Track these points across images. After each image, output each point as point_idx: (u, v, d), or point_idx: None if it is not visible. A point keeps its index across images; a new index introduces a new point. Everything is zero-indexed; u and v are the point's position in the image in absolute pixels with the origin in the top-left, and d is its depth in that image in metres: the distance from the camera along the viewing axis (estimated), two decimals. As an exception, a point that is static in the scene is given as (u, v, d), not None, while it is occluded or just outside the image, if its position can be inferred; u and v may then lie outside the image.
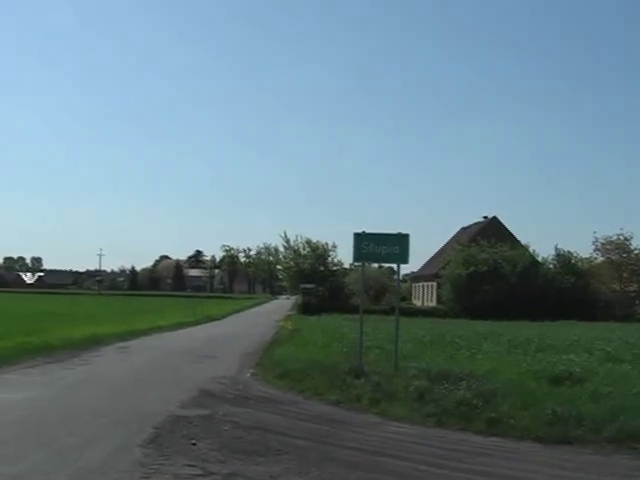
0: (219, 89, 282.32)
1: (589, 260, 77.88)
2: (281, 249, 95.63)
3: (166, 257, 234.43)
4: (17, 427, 12.97)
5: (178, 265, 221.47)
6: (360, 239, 20.28)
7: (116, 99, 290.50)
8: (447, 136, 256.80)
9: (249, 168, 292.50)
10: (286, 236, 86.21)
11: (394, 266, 24.07)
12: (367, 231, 20.50)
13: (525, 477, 10.56)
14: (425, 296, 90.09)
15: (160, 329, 42.23)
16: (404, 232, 20.37)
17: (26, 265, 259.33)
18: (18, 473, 9.68)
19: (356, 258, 21.32)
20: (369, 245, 20.31)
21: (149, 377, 20.89)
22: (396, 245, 20.17)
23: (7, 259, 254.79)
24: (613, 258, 78.38)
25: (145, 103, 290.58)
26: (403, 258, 20.49)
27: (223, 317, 63.70)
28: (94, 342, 30.78)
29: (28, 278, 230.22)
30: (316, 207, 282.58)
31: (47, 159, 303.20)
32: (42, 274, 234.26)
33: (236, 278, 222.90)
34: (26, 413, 14.42)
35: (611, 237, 78.43)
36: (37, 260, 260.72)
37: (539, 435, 13.11)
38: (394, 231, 20.62)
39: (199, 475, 9.91)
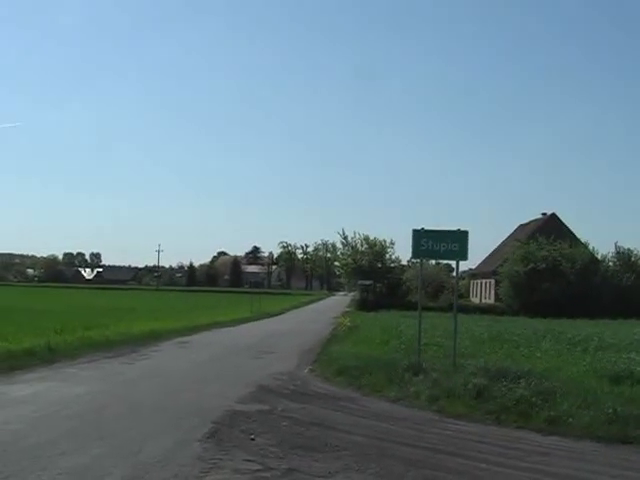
0: (276, 88, 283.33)
1: (650, 258, 76.56)
2: (339, 245, 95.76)
3: (224, 253, 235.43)
4: (77, 421, 13.09)
5: (236, 261, 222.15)
6: (419, 236, 20.19)
7: (176, 97, 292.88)
8: (506, 132, 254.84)
9: (307, 165, 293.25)
10: (344, 233, 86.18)
11: (452, 263, 23.95)
12: (426, 228, 20.42)
13: (586, 477, 10.41)
14: (483, 293, 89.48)
15: (218, 325, 42.40)
16: (463, 229, 20.25)
17: (85, 261, 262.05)
18: (79, 466, 9.77)
19: (415, 255, 21.25)
20: (428, 242, 20.21)
21: (208, 372, 20.99)
22: (455, 242, 20.04)
23: (67, 255, 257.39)
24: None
25: (205, 101, 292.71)
26: (462, 255, 20.35)
27: (280, 313, 63.81)
28: (153, 337, 31.03)
29: (87, 274, 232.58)
30: (374, 204, 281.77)
31: (107, 157, 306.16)
32: (101, 270, 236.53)
33: (293, 274, 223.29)
34: (86, 407, 14.56)
35: (673, 234, 77.02)
36: (96, 256, 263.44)
37: (599, 434, 12.95)
38: (452, 228, 20.52)
39: (258, 470, 9.92)
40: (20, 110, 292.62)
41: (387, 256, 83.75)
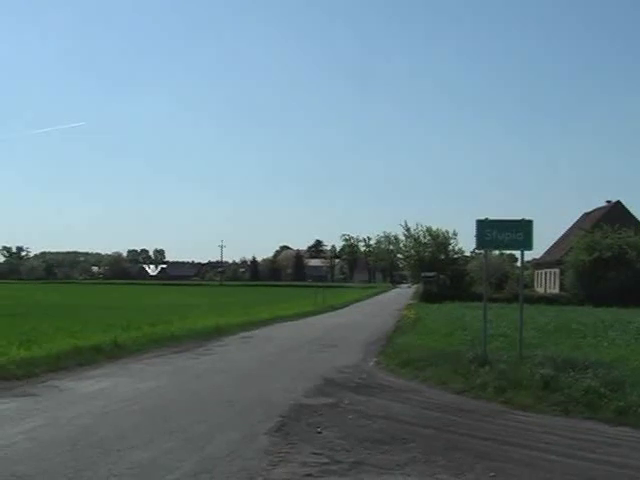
0: (326, 78, 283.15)
1: None
2: (401, 237, 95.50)
3: (286, 247, 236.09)
4: (145, 416, 13.21)
5: (298, 255, 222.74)
6: (483, 226, 20.02)
7: (232, 92, 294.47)
8: (570, 120, 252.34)
9: (368, 157, 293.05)
10: (406, 224, 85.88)
11: (515, 253, 23.65)
12: (490, 218, 20.24)
13: (658, 468, 10.26)
14: (547, 283, 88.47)
15: (282, 319, 42.49)
16: (527, 218, 20.03)
17: (149, 257, 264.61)
18: (148, 460, 9.86)
19: (479, 245, 21.05)
20: (492, 232, 20.01)
21: (273, 366, 21.05)
22: (519, 231, 19.82)
23: (131, 252, 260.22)
24: None
25: (257, 94, 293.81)
26: (527, 245, 20.12)
27: (344, 306, 63.78)
28: (217, 332, 31.17)
29: (151, 270, 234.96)
30: (437, 195, 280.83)
31: (170, 155, 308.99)
32: (165, 266, 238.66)
33: (356, 267, 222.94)
34: (154, 402, 14.69)
35: None
36: (160, 252, 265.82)
37: (670, 425, 12.77)
38: (515, 217, 20.31)
39: (325, 463, 9.93)
40: (83, 109, 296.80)
41: (450, 247, 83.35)
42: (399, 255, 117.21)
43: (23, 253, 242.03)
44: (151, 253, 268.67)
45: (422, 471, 9.68)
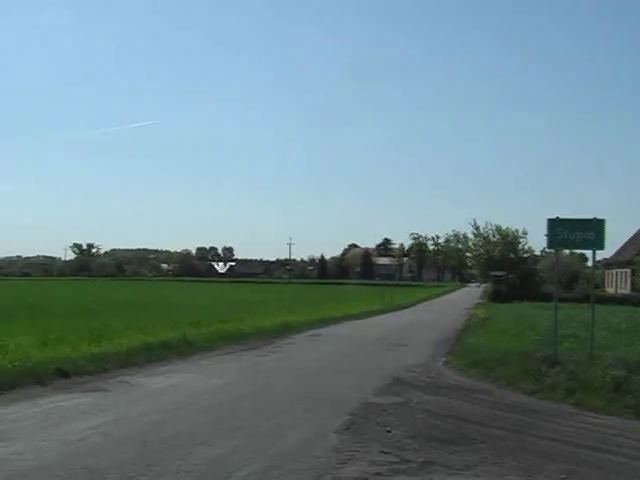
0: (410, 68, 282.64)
1: None
2: (470, 236, 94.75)
3: (355, 245, 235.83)
4: (214, 412, 13.28)
5: (367, 253, 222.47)
6: (554, 225, 19.80)
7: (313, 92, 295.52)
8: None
9: (437, 155, 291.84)
10: (475, 223, 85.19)
11: (586, 252, 23.31)
12: (560, 217, 20.01)
13: None
14: (618, 283, 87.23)
15: (350, 317, 42.48)
16: (599, 217, 19.77)
17: (218, 255, 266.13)
18: (217, 456, 9.91)
19: (550, 244, 20.79)
20: (563, 231, 19.78)
21: (341, 364, 21.06)
22: (591, 231, 19.57)
23: (200, 249, 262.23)
24: None
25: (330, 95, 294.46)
26: (599, 244, 19.86)
27: (412, 305, 63.60)
28: (286, 330, 31.30)
29: (220, 268, 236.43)
30: (506, 193, 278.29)
31: (238, 153, 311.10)
32: (233, 264, 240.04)
33: (425, 266, 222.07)
34: (223, 399, 14.78)
35: None
36: (229, 250, 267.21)
37: None
38: (586, 217, 20.06)
39: (395, 462, 9.89)
40: (154, 108, 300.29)
41: (520, 246, 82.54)
42: (468, 254, 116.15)
43: (93, 250, 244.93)
44: (220, 251, 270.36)
45: (492, 472, 9.60)
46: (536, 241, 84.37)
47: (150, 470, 9.12)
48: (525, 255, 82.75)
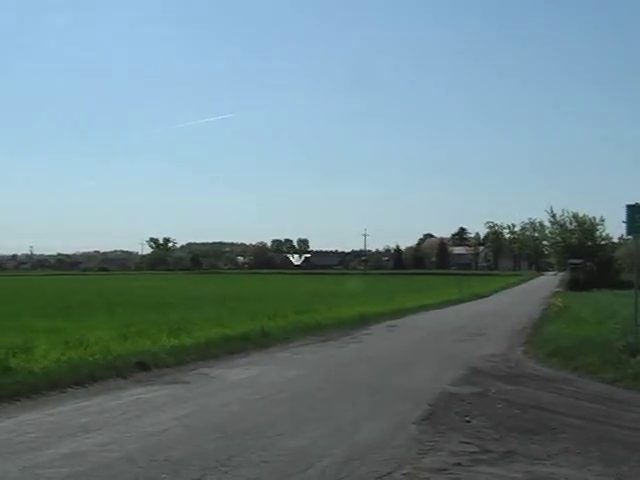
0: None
1: None
2: (547, 224, 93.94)
3: (430, 235, 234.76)
4: (293, 403, 13.35)
5: (442, 243, 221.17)
6: (633, 211, 19.47)
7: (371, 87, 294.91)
8: None
9: (512, 142, 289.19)
10: (552, 210, 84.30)
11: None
12: (640, 203, 19.69)
13: None
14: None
15: (426, 307, 42.40)
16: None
17: (293, 247, 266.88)
18: (298, 447, 9.94)
19: (629, 231, 20.45)
20: (643, 217, 19.47)
21: (419, 354, 21.01)
22: (671, 217, 19.24)
23: (275, 241, 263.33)
24: None
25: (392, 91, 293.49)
26: (679, 229, 19.52)
27: (489, 294, 63.07)
28: (362, 321, 31.31)
29: (295, 259, 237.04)
30: (582, 179, 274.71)
31: (313, 145, 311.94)
32: (309, 255, 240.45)
33: (501, 255, 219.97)
34: (301, 390, 14.84)
35: None
36: (304, 242, 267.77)
37: None
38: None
39: (475, 452, 9.83)
40: (231, 101, 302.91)
41: (597, 233, 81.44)
42: (544, 242, 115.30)
43: (170, 244, 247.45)
44: (295, 243, 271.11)
45: (574, 462, 9.48)
46: (614, 228, 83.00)
47: (231, 461, 9.19)
48: (603, 242, 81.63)
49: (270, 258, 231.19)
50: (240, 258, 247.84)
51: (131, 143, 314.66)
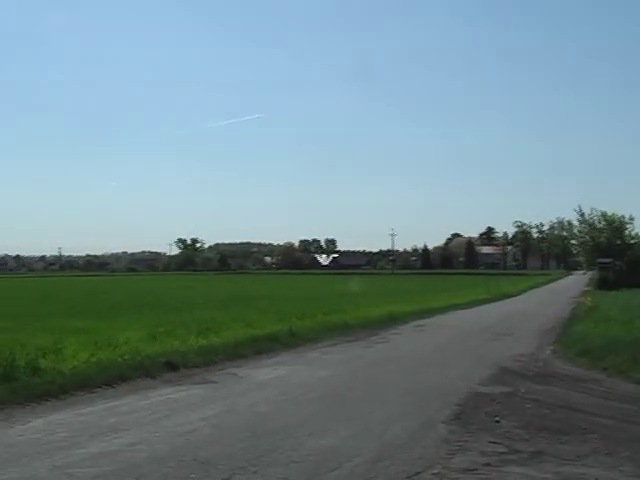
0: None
1: None
2: (575, 223, 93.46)
3: (457, 235, 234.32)
4: (322, 403, 13.35)
5: (470, 243, 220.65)
6: (663, 210, 19.33)
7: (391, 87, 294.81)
8: None
9: (539, 141, 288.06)
10: (580, 210, 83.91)
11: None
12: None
13: None
14: None
15: (454, 307, 42.28)
16: None
17: (321, 247, 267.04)
18: (327, 447, 9.94)
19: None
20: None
21: (447, 354, 20.96)
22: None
23: (303, 242, 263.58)
24: None
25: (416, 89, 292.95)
26: None
27: (517, 294, 62.79)
28: (390, 320, 31.29)
29: (323, 260, 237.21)
30: (611, 178, 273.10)
31: (340, 145, 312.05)
32: (336, 255, 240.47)
33: (529, 254, 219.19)
34: (330, 390, 14.82)
35: None
36: (331, 242, 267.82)
37: None
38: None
39: (504, 453, 9.79)
40: (261, 101, 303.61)
41: (626, 232, 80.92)
42: (573, 241, 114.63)
43: (198, 245, 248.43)
44: (323, 243, 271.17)
45: (604, 462, 9.42)
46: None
47: (260, 461, 9.20)
48: (632, 241, 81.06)
49: (298, 258, 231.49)
50: (268, 258, 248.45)
51: (159, 143, 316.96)
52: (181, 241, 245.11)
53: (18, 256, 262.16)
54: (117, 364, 16.30)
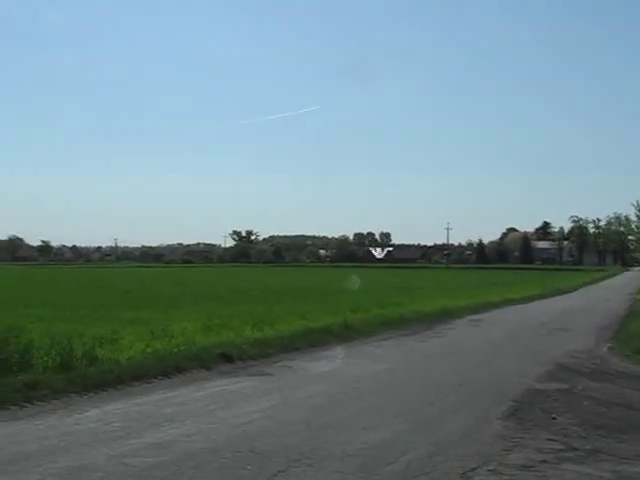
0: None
1: None
2: (633, 218, 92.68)
3: (513, 229, 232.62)
4: (377, 397, 13.34)
5: (525, 237, 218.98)
6: None
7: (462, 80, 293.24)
8: None
9: (596, 135, 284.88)
10: (638, 205, 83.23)
11: None
12: None
13: None
14: None
15: (509, 302, 41.98)
16: None
17: (375, 241, 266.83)
18: (382, 441, 9.92)
19: None
20: None
21: (502, 350, 20.86)
22: None
23: (357, 235, 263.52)
24: None
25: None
26: None
27: (573, 290, 62.11)
28: (445, 315, 31.19)
29: (377, 253, 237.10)
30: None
31: (393, 137, 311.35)
32: (391, 249, 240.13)
33: (585, 250, 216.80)
34: (385, 384, 14.83)
35: None
36: (386, 235, 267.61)
37: None
38: None
39: (561, 450, 9.68)
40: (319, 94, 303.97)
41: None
42: (630, 237, 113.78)
43: (252, 237, 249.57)
44: (377, 236, 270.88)
45: (664, 463, 9.30)
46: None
47: (315, 453, 9.20)
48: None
49: (352, 251, 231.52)
50: (322, 251, 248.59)
51: (214, 136, 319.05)
52: (236, 233, 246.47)
53: (75, 247, 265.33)
54: (173, 355, 16.43)
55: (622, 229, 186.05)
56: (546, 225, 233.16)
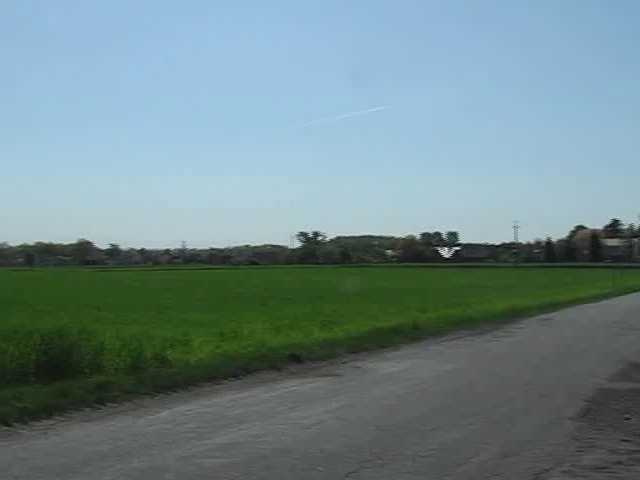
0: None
1: None
2: None
3: (582, 227, 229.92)
4: (447, 397, 13.27)
5: (594, 235, 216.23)
6: None
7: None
8: None
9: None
10: None
11: None
12: None
13: None
14: None
15: (579, 301, 41.61)
16: None
17: (442, 240, 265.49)
18: (453, 441, 9.87)
19: None
20: None
21: (572, 349, 20.63)
22: None
23: (424, 235, 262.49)
24: None
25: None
26: None
27: (645, 288, 61.30)
28: (514, 314, 30.99)
29: (445, 252, 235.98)
30: None
31: (459, 136, 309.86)
32: (459, 248, 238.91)
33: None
34: (454, 384, 14.75)
35: None
36: (453, 235, 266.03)
37: None
38: None
39: (636, 451, 9.51)
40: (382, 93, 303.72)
41: None
42: None
43: (319, 238, 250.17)
44: (444, 236, 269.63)
45: None
46: None
47: (386, 454, 9.17)
48: None
49: (419, 251, 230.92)
50: (389, 251, 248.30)
51: (281, 137, 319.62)
52: (303, 234, 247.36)
53: (143, 250, 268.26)
54: (242, 356, 16.54)
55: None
56: (615, 222, 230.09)
